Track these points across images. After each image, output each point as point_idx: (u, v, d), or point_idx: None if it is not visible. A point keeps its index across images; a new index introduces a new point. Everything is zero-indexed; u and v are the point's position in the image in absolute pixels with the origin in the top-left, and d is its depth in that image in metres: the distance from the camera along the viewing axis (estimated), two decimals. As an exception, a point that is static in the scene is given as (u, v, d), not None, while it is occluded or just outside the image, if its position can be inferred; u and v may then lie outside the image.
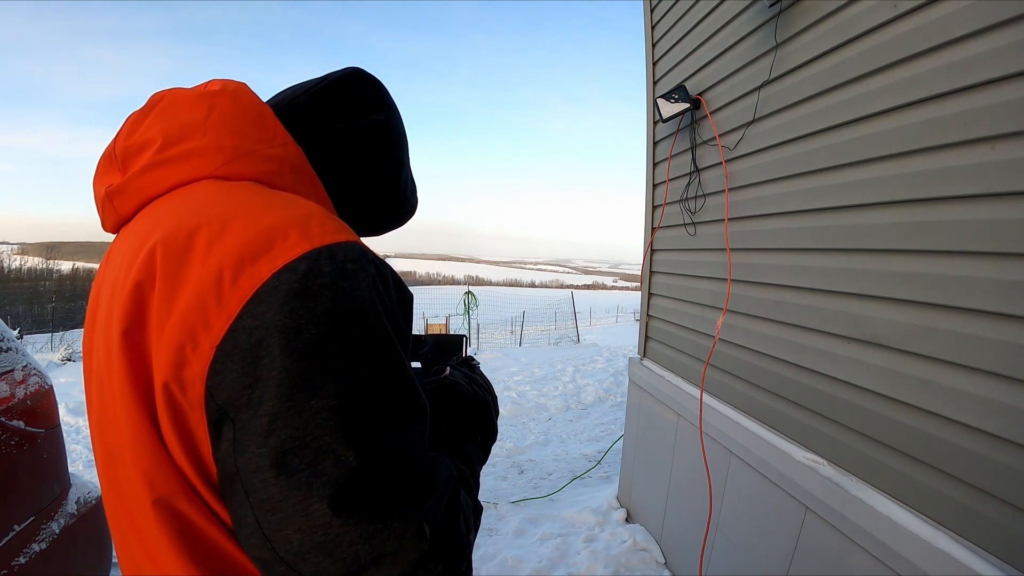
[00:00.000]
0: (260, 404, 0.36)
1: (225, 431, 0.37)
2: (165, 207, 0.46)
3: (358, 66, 0.65)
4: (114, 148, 0.52)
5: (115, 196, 0.50)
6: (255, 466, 0.36)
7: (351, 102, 0.61)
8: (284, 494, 0.35)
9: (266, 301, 0.37)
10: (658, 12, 2.57)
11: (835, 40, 1.42)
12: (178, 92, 0.53)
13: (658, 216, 2.63)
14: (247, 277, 0.38)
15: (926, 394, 1.19)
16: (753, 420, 1.84)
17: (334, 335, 0.37)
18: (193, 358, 0.38)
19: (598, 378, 6.77)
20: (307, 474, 0.35)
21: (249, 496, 0.36)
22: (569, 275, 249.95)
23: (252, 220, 0.41)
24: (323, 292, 0.38)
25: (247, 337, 0.37)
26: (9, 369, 1.42)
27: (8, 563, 1.24)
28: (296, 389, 0.36)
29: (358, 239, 0.44)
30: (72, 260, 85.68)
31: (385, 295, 0.43)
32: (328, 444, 0.35)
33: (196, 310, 0.38)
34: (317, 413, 0.36)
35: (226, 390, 0.37)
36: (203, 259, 0.39)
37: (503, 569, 2.40)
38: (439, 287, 31.85)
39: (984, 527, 1.07)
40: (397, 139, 0.65)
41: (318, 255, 0.39)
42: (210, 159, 0.48)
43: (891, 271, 1.28)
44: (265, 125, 0.52)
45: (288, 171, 0.51)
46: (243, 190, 0.46)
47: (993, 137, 1.04)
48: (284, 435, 0.35)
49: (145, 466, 0.40)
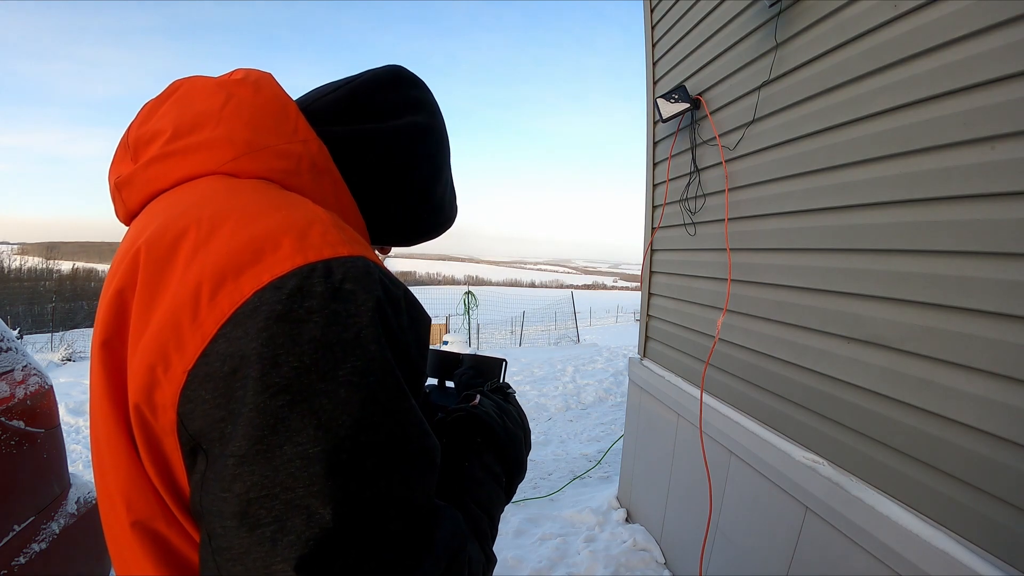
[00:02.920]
0: (229, 442, 0.31)
1: (198, 462, 0.34)
2: (164, 203, 0.42)
3: (399, 64, 0.60)
4: (128, 135, 0.48)
5: (123, 187, 0.47)
6: (217, 510, 0.31)
7: (386, 101, 0.56)
8: (246, 547, 0.30)
9: (244, 324, 0.32)
10: (658, 12, 2.57)
11: (835, 40, 1.42)
12: (197, 80, 0.49)
13: (658, 216, 2.63)
14: (227, 294, 0.33)
15: (926, 394, 1.19)
16: (753, 420, 1.84)
17: (320, 369, 0.32)
18: (164, 381, 0.33)
19: (598, 378, 6.76)
20: (273, 529, 0.30)
21: (211, 540, 0.32)
22: (569, 275, 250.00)
23: (244, 225, 0.36)
24: (311, 317, 0.32)
25: (221, 364, 0.32)
26: (9, 369, 1.42)
27: (8, 563, 1.24)
28: (268, 431, 0.31)
29: (367, 253, 0.38)
30: (72, 260, 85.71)
31: (395, 322, 0.37)
32: (300, 498, 0.30)
33: (170, 328, 0.33)
34: (290, 461, 0.30)
35: (198, 420, 0.33)
36: (185, 268, 0.35)
37: (503, 569, 2.40)
38: (439, 287, 31.84)
39: (984, 527, 1.07)
40: (435, 143, 0.60)
41: (311, 272, 0.34)
42: (220, 153, 0.44)
43: (891, 271, 1.28)
44: (286, 119, 0.47)
45: (307, 169, 0.47)
46: (247, 189, 0.41)
47: (993, 137, 1.04)
48: (250, 482, 0.30)
49: (123, 486, 0.37)
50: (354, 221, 0.52)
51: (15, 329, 8.62)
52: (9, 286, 35.21)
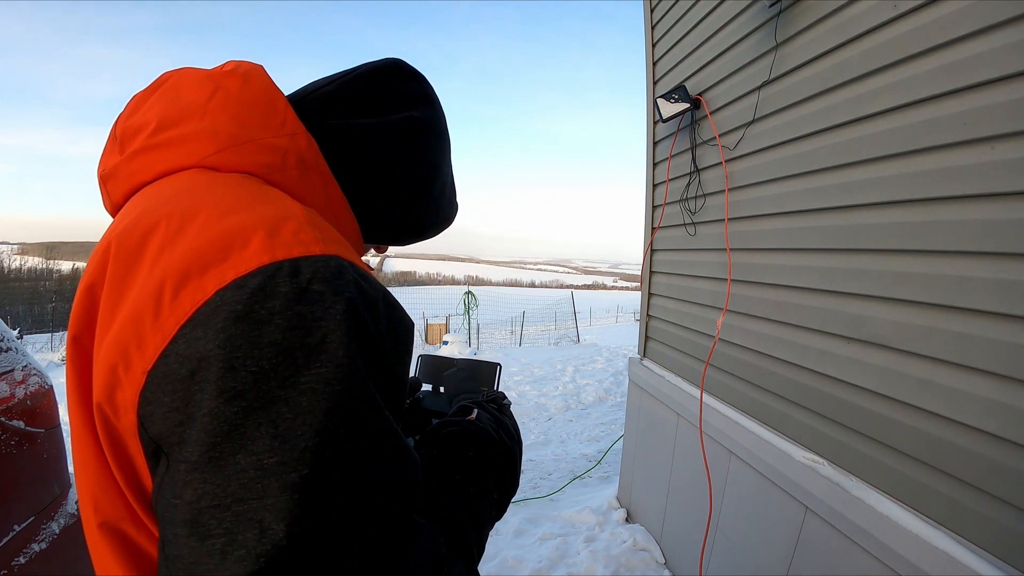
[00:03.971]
0: (183, 447, 0.30)
1: (160, 465, 0.32)
2: (142, 197, 0.41)
3: (398, 57, 0.58)
4: (116, 128, 0.48)
5: (108, 180, 0.46)
6: (169, 517, 0.30)
7: (383, 95, 0.54)
8: (195, 557, 0.29)
9: (204, 324, 0.31)
10: (658, 12, 2.57)
11: (835, 40, 1.42)
12: (186, 72, 0.48)
13: (658, 216, 2.63)
14: (189, 292, 0.32)
15: (926, 394, 1.19)
16: (753, 420, 1.84)
17: (279, 375, 0.30)
18: (125, 381, 0.32)
19: (598, 378, 6.77)
20: (224, 541, 0.28)
21: (164, 546, 0.31)
22: (569, 275, 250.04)
23: (214, 220, 0.34)
24: (272, 319, 0.31)
25: (179, 366, 0.31)
26: (9, 369, 1.42)
27: (8, 563, 1.24)
28: (221, 438, 0.29)
29: (343, 253, 0.36)
30: (72, 260, 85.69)
31: (372, 326, 0.34)
32: (253, 511, 0.28)
33: (132, 326, 0.32)
34: (243, 471, 0.28)
35: (157, 423, 0.31)
36: (152, 264, 0.33)
37: (503, 569, 2.40)
38: (439, 287, 31.86)
39: (984, 527, 1.07)
40: (434, 140, 0.58)
41: (277, 270, 0.32)
42: (202, 145, 0.42)
43: (891, 271, 1.28)
44: (274, 112, 0.46)
45: (293, 164, 0.45)
46: (224, 183, 0.39)
47: (993, 137, 1.04)
48: (200, 490, 0.29)
49: (91, 487, 0.36)
50: (344, 218, 0.50)
51: (15, 329, 8.62)
52: (9, 286, 35.17)
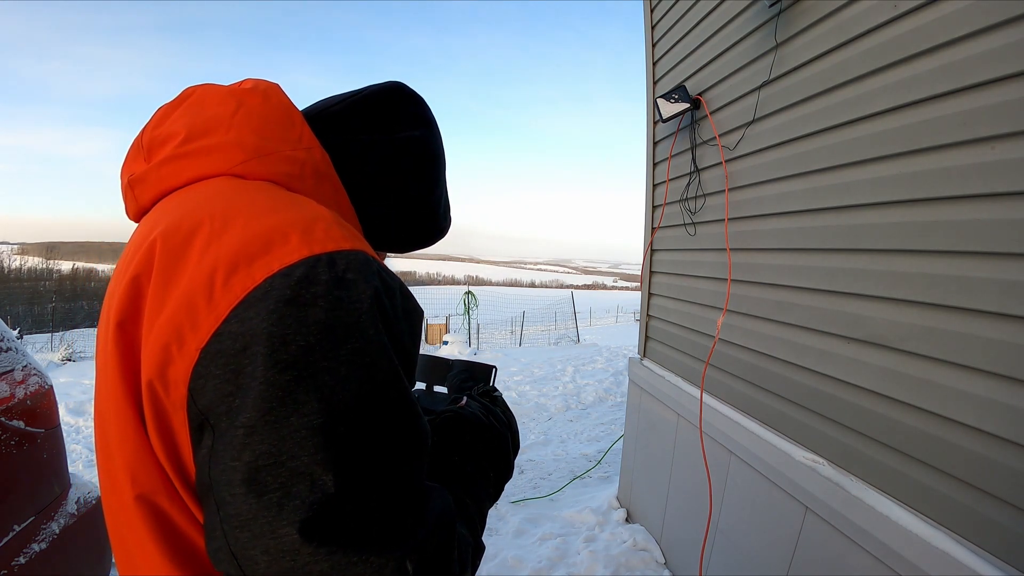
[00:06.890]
0: (238, 414, 0.34)
1: (205, 437, 0.36)
2: (177, 200, 0.46)
3: (400, 81, 0.64)
4: (142, 137, 0.52)
5: (136, 185, 0.50)
6: (227, 479, 0.34)
7: (386, 115, 0.60)
8: (253, 512, 0.33)
9: (255, 306, 0.36)
10: (658, 12, 2.57)
11: (835, 40, 1.42)
12: (209, 88, 0.53)
13: (658, 216, 2.63)
14: (239, 279, 0.36)
15: (926, 394, 1.19)
16: (753, 420, 1.84)
17: (324, 348, 0.35)
18: (178, 358, 0.37)
19: (598, 378, 6.77)
20: (279, 495, 0.33)
21: (220, 509, 0.35)
22: (569, 275, 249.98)
23: (254, 220, 0.40)
24: (317, 302, 0.36)
25: (232, 343, 0.35)
26: (9, 369, 1.42)
27: (8, 563, 1.24)
28: (276, 403, 0.34)
29: (366, 249, 0.42)
30: (72, 260, 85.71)
31: (391, 310, 0.40)
32: (305, 465, 0.33)
33: (185, 309, 0.37)
34: (296, 431, 0.34)
35: (207, 395, 0.36)
36: (200, 256, 0.38)
37: (503, 569, 2.40)
38: (439, 287, 31.85)
39: (984, 527, 1.07)
40: (431, 158, 0.64)
41: (316, 262, 0.37)
42: (229, 156, 0.47)
43: (891, 271, 1.28)
44: (292, 127, 0.51)
45: (309, 175, 0.50)
46: (255, 189, 0.45)
47: (993, 137, 1.04)
48: (258, 450, 0.33)
49: (129, 460, 0.39)
50: (353, 225, 0.54)
51: (15, 329, 8.61)
52: (9, 286, 35.20)
